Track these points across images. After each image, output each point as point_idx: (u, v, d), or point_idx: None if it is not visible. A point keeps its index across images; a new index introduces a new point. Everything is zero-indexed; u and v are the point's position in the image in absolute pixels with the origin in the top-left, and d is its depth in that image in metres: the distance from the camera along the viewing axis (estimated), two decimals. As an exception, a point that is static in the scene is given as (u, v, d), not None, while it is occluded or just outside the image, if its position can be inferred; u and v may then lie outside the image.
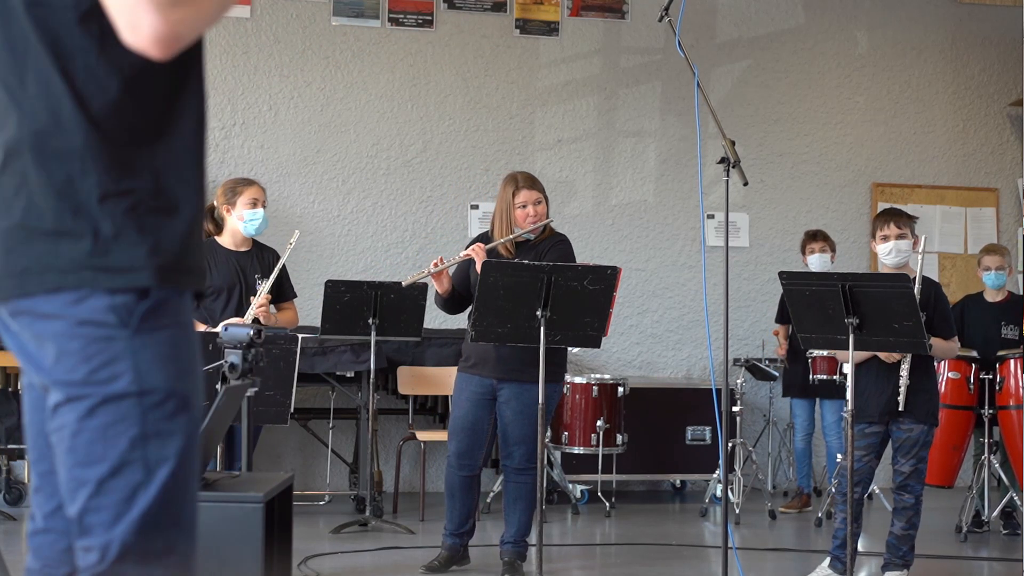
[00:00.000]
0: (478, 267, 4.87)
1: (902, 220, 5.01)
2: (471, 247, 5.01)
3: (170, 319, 1.63)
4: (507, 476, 5.06)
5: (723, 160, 4.47)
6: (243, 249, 5.30)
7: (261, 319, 5.17)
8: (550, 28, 8.09)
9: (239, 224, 5.29)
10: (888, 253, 4.95)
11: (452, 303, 5.17)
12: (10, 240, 1.62)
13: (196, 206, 1.69)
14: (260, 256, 5.40)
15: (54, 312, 1.58)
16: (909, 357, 4.77)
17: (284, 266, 5.48)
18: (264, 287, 5.12)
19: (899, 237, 4.94)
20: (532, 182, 5.07)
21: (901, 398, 4.74)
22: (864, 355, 4.82)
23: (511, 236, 5.00)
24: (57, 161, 1.59)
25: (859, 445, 4.81)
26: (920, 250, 4.92)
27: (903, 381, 4.75)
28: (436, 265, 5.03)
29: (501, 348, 4.89)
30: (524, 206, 5.00)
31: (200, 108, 1.71)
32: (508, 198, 5.03)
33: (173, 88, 1.66)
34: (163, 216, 1.64)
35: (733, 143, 4.48)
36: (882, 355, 4.77)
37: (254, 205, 5.29)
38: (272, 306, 5.40)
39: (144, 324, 1.60)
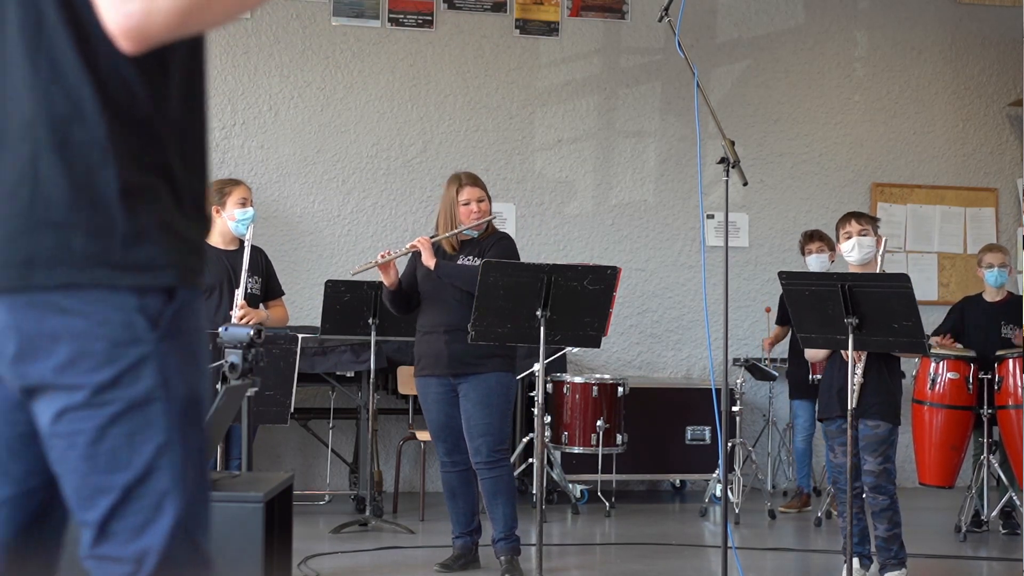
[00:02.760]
0: (424, 258, 5.00)
1: (863, 219, 5.04)
2: (418, 238, 5.11)
3: (191, 322, 1.58)
4: (480, 475, 5.04)
5: (723, 160, 4.47)
6: (232, 248, 5.31)
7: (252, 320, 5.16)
8: (550, 28, 8.09)
9: (230, 224, 5.30)
10: (851, 250, 4.95)
11: (400, 299, 5.21)
12: (11, 229, 1.52)
13: (205, 203, 1.65)
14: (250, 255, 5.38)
15: (74, 308, 1.50)
16: (865, 356, 4.75)
17: (271, 264, 5.51)
18: (238, 295, 5.12)
19: (861, 233, 4.95)
20: (475, 180, 5.20)
21: (855, 396, 4.66)
22: (825, 353, 4.83)
23: (455, 231, 5.07)
24: (77, 151, 1.51)
25: (844, 440, 4.78)
26: (882, 250, 4.91)
27: (857, 379, 4.69)
28: (383, 256, 5.10)
29: (452, 344, 4.94)
30: (467, 203, 5.09)
31: (205, 104, 1.67)
32: (452, 196, 5.13)
33: (184, 82, 1.61)
34: (180, 213, 1.58)
35: (733, 143, 4.48)
36: (844, 354, 4.73)
37: (243, 204, 5.30)
38: (262, 304, 5.41)
39: (171, 328, 1.55)
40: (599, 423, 6.85)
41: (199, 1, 1.43)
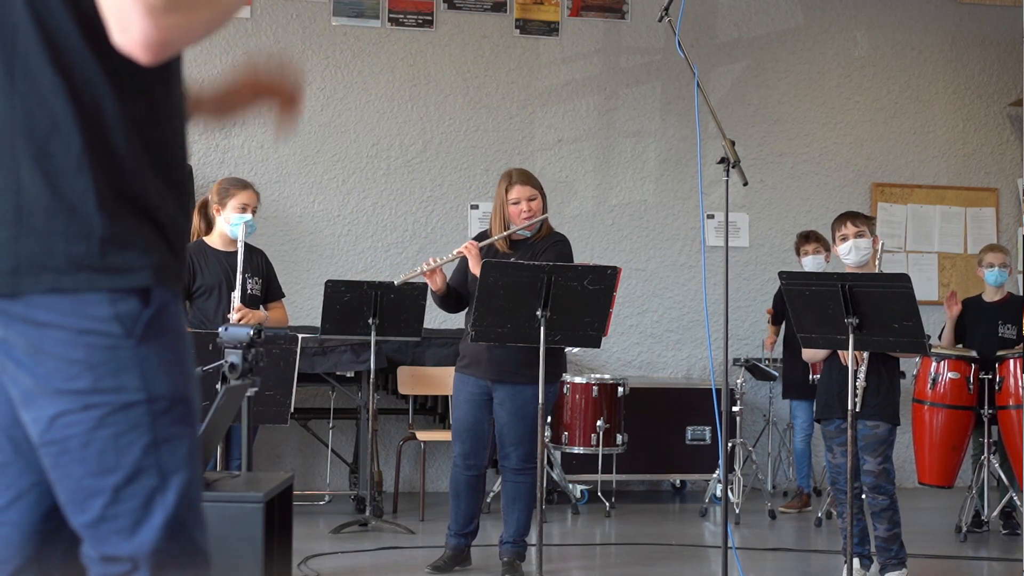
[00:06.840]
0: (471, 265, 4.90)
1: (859, 219, 5.01)
2: (465, 244, 5.01)
3: (170, 324, 1.62)
4: (505, 476, 5.06)
5: (723, 160, 4.46)
6: (232, 250, 5.28)
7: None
8: (550, 28, 8.09)
9: (224, 226, 5.28)
10: (848, 252, 4.94)
11: (450, 302, 5.16)
12: (1, 238, 1.57)
13: (178, 207, 1.68)
14: (249, 257, 5.38)
15: (53, 322, 1.55)
16: (867, 358, 4.75)
17: (272, 266, 5.51)
18: (235, 298, 5.11)
19: (857, 235, 4.93)
20: (526, 178, 5.03)
21: (858, 399, 4.65)
22: (824, 353, 4.82)
23: (505, 233, 4.98)
24: (55, 160, 1.56)
25: (843, 441, 4.77)
26: (879, 250, 4.91)
27: (860, 383, 4.69)
28: (429, 264, 5.02)
29: (494, 349, 4.86)
30: (517, 202, 4.97)
31: (181, 108, 1.70)
32: (502, 195, 5.02)
33: (160, 88, 1.64)
34: (153, 217, 1.63)
35: (733, 143, 4.47)
36: (841, 356, 4.72)
37: (243, 210, 5.26)
38: (262, 307, 5.41)
39: (148, 332, 1.59)
40: (599, 423, 6.85)
41: (216, 17, 1.51)
